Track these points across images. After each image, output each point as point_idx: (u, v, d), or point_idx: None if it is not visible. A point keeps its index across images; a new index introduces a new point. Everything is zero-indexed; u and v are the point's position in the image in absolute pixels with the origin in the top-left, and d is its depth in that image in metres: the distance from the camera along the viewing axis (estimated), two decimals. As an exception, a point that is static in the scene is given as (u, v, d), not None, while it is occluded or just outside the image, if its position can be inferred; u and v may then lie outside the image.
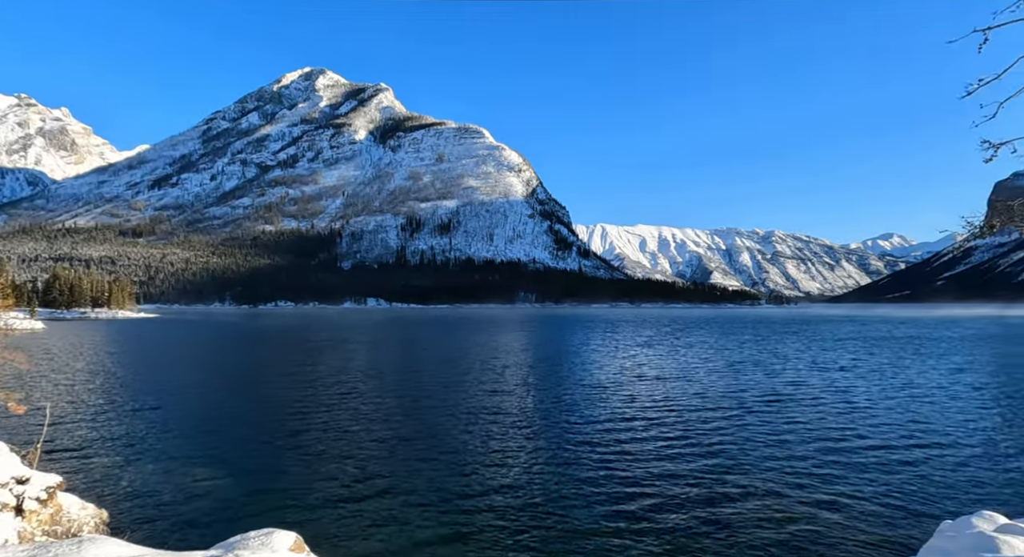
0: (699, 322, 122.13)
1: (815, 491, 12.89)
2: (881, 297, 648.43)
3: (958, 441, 17.44)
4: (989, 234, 8.20)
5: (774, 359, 42.49)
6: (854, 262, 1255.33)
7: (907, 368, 36.64)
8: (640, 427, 19.24)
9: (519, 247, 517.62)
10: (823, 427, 19.31)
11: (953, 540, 7.63)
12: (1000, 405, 23.74)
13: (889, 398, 25.11)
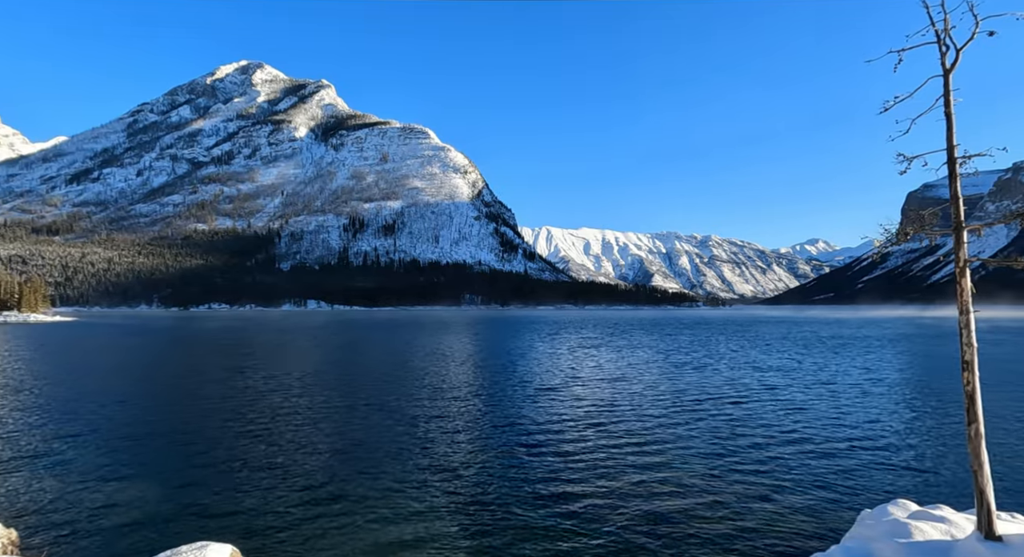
0: (641, 324, 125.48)
1: (749, 485, 13.44)
2: (808, 299, 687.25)
3: (876, 435, 18.66)
4: (903, 240, 8.57)
5: (711, 359, 44.15)
6: (784, 266, 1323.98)
7: (831, 367, 38.93)
8: (582, 427, 19.52)
9: (465, 249, 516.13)
10: (755, 424, 20.20)
11: (872, 527, 8.22)
12: (913, 400, 25.61)
13: (815, 396, 26.58)
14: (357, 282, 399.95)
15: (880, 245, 9.09)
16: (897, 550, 7.18)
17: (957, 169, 8.09)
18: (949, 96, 8.06)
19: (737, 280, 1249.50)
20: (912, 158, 8.58)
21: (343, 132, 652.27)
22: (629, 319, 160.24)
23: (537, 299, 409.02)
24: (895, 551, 7.17)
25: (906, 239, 8.84)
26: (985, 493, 7.26)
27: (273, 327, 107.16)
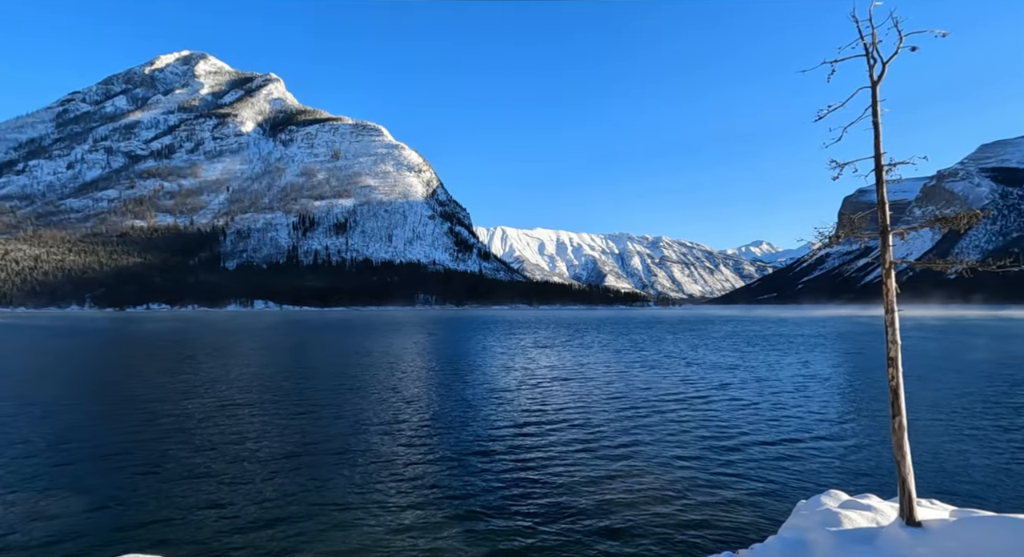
0: (595, 323, 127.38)
1: (694, 480, 13.84)
2: (753, 299, 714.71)
3: (813, 429, 19.55)
4: (835, 243, 8.99)
5: (660, 358, 45.23)
6: (731, 267, 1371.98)
7: (773, 364, 40.55)
8: (533, 426, 19.63)
9: (419, 248, 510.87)
10: (701, 421, 20.81)
11: (806, 518, 8.57)
12: (847, 396, 27.00)
13: (757, 392, 27.63)
14: (307, 282, 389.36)
15: (816, 248, 9.52)
16: (828, 538, 7.61)
17: (884, 176, 8.52)
18: (876, 106, 8.47)
19: (686, 280, 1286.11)
20: (844, 164, 8.99)
21: (293, 128, 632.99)
22: (583, 319, 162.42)
23: (492, 299, 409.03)
24: (826, 539, 7.61)
25: (838, 242, 9.27)
26: (907, 482, 7.64)
27: (217, 328, 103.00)
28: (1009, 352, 49.68)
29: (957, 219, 8.19)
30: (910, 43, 8.11)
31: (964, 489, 12.93)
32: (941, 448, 16.60)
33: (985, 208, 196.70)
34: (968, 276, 8.75)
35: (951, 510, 8.31)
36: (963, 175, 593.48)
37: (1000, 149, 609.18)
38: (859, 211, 9.79)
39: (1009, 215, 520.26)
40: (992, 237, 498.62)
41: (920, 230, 9.65)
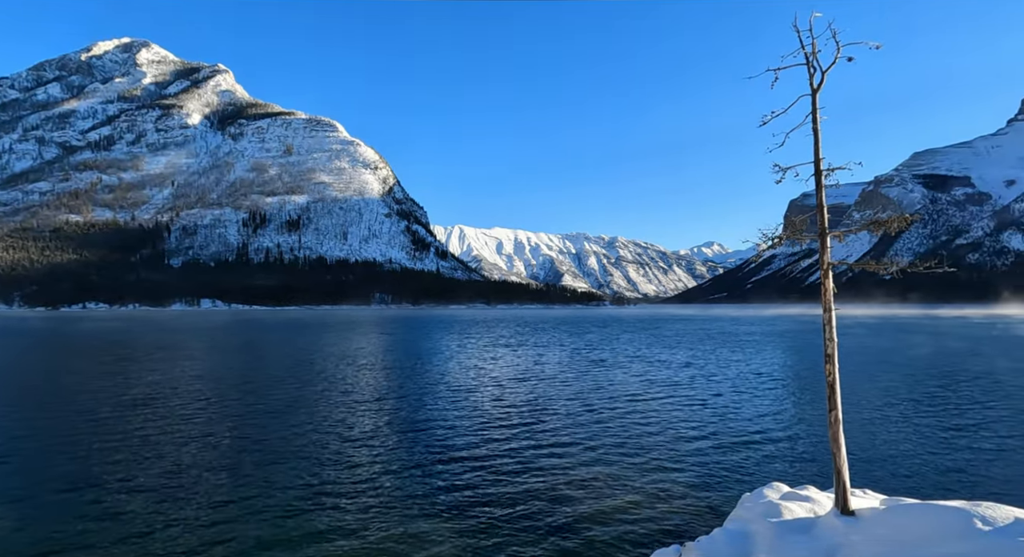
0: (552, 322, 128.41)
1: (645, 475, 14.14)
2: (705, 298, 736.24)
3: (758, 424, 20.31)
4: (778, 245, 9.34)
5: (613, 356, 46.01)
6: (683, 267, 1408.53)
7: (722, 361, 41.85)
8: (489, 425, 19.63)
9: (375, 247, 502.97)
10: (653, 417, 21.30)
11: (750, 510, 8.79)
12: (791, 391, 28.14)
13: (707, 389, 28.47)
14: (258, 280, 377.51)
15: (762, 249, 9.87)
16: (769, 529, 7.92)
17: (822, 180, 8.89)
18: (816, 113, 8.83)
19: (641, 280, 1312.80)
20: (786, 169, 9.34)
21: (243, 121, 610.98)
22: (540, 318, 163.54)
23: (450, 298, 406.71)
24: (768, 530, 7.92)
25: (780, 244, 9.63)
26: (842, 473, 7.95)
27: (160, 328, 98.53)
28: (935, 349, 52.87)
29: (888, 223, 8.67)
30: (847, 54, 8.54)
31: (894, 478, 13.66)
32: (874, 440, 17.51)
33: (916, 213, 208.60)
34: (899, 277, 9.24)
35: (882, 499, 8.61)
36: (897, 181, 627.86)
37: (931, 157, 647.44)
38: (803, 214, 10.20)
39: (938, 219, 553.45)
40: (923, 240, 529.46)
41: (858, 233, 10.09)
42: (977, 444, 17.08)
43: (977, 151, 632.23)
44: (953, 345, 56.48)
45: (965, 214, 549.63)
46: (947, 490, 12.61)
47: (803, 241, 9.91)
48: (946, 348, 52.97)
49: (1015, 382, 30.19)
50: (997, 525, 6.05)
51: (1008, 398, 25.04)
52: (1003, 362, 40.58)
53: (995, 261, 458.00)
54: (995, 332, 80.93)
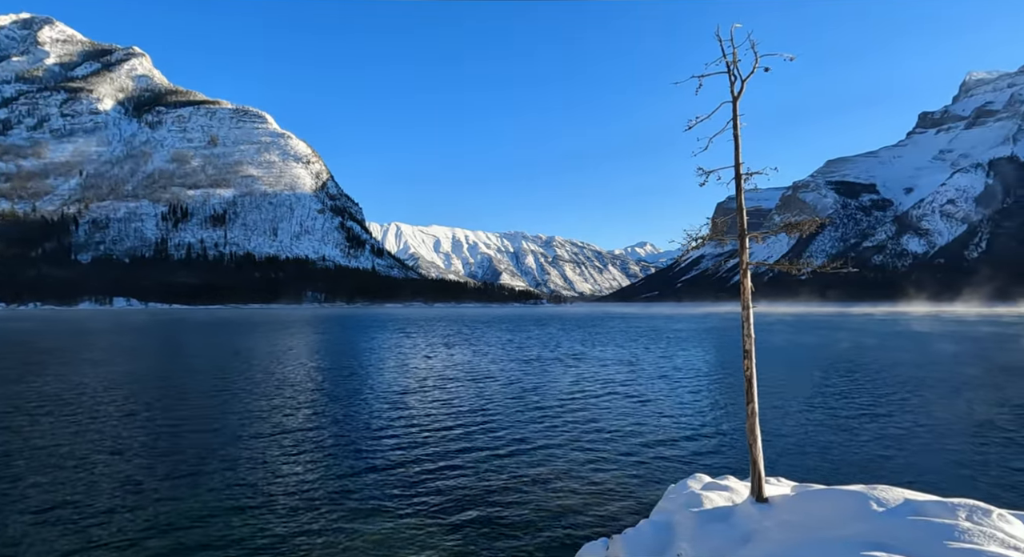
0: (489, 321, 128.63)
1: (576, 471, 14.39)
2: (638, 296, 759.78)
3: (685, 417, 21.14)
4: (701, 246, 9.73)
5: (547, 354, 46.62)
6: (618, 266, 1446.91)
7: (652, 357, 43.30)
8: (418, 422, 19.39)
9: (307, 243, 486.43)
10: (584, 414, 21.73)
11: (673, 500, 9.15)
12: (716, 385, 29.47)
13: (638, 384, 29.36)
14: (179, 278, 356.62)
15: (691, 248, 10.23)
16: (691, 518, 8.26)
17: (742, 184, 9.33)
18: (736, 120, 9.24)
19: (578, 279, 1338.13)
20: (709, 172, 9.73)
21: (162, 109, 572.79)
22: (478, 317, 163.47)
23: (386, 297, 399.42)
24: (689, 519, 8.27)
25: (703, 245, 10.03)
26: (757, 462, 8.25)
27: (64, 328, 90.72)
28: (843, 344, 56.99)
29: (800, 225, 9.20)
30: (764, 64, 8.99)
31: (805, 466, 14.57)
32: (789, 430, 18.61)
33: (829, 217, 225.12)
34: (809, 277, 9.84)
35: (793, 486, 9.12)
36: (813, 187, 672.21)
37: (842, 165, 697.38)
38: (729, 215, 10.66)
39: (848, 223, 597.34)
40: (835, 243, 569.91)
41: (775, 235, 10.65)
42: (878, 431, 18.50)
43: (882, 160, 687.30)
44: (860, 341, 61.05)
45: (871, 219, 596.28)
46: (850, 475, 13.54)
47: (724, 242, 10.38)
48: (853, 343, 57.19)
49: (911, 374, 33.00)
50: (889, 506, 6.61)
51: (904, 388, 27.31)
52: (903, 355, 44.33)
53: (896, 262, 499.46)
54: (897, 328, 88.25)
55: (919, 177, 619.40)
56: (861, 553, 5.50)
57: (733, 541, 7.18)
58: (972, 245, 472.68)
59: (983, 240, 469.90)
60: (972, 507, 6.11)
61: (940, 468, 14.60)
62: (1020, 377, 31.60)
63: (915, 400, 24.05)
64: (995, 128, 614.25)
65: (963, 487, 12.61)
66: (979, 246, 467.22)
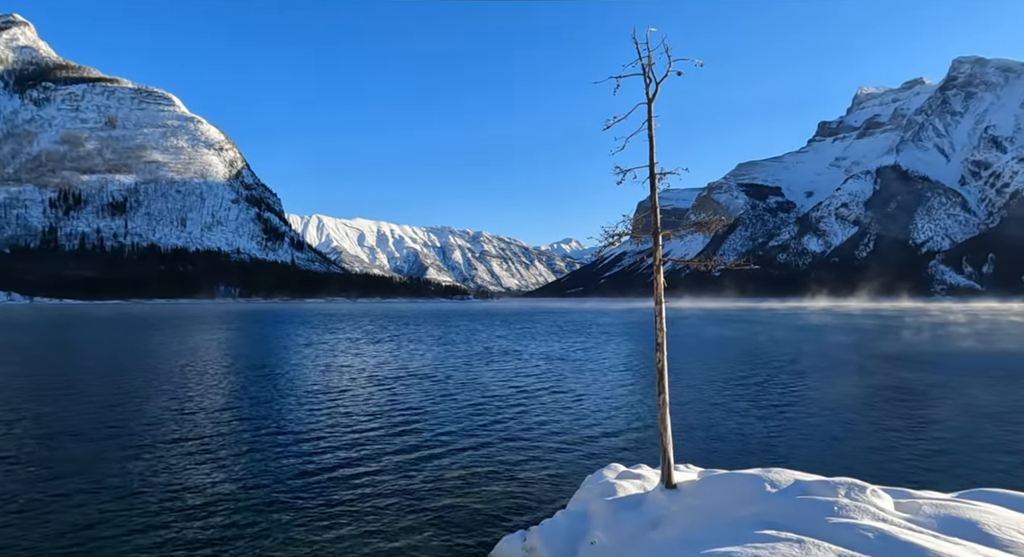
0: (415, 317, 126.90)
1: (494, 466, 14.49)
2: (563, 292, 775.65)
3: (602, 409, 21.83)
4: (618, 243, 10.01)
5: (470, 349, 46.65)
6: (544, 262, 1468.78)
7: (574, 351, 44.35)
8: (336, 421, 18.84)
9: (220, 235, 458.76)
10: (505, 409, 21.93)
11: (589, 490, 9.38)
12: (633, 378, 30.60)
13: (559, 378, 29.98)
14: (71, 270, 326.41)
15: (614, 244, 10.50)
16: (606, 507, 8.43)
17: (656, 183, 9.68)
18: (651, 121, 9.57)
19: (505, 274, 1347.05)
20: (626, 171, 10.02)
21: (49, 85, 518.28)
22: (404, 312, 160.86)
23: (306, 291, 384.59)
24: (604, 508, 8.44)
25: (619, 242, 10.34)
26: (667, 451, 8.64)
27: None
28: (751, 337, 60.96)
29: (709, 224, 9.72)
30: (677, 68, 9.35)
31: (712, 452, 15.44)
32: (698, 418, 19.65)
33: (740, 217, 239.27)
34: (717, 274, 10.40)
35: (699, 472, 9.63)
36: (725, 188, 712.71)
37: (751, 168, 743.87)
38: (646, 214, 11.00)
39: (756, 224, 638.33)
40: (745, 242, 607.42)
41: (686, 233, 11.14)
42: (775, 417, 19.92)
43: (786, 165, 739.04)
44: (762, 333, 65.52)
45: (777, 220, 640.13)
46: (750, 459, 14.47)
47: (639, 240, 10.72)
48: (757, 336, 61.29)
49: (805, 363, 35.85)
50: (781, 487, 7.16)
51: (798, 376, 29.60)
52: (799, 347, 48.06)
53: (798, 261, 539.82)
54: (797, 321, 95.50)
55: (818, 182, 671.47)
56: (755, 532, 5.85)
57: (643, 527, 7.47)
58: (862, 245, 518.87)
59: (871, 241, 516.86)
60: (850, 485, 6.71)
61: (826, 448, 15.93)
62: (892, 363, 35.20)
63: (806, 387, 26.13)
64: (882, 139, 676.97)
65: (844, 465, 13.81)
66: (867, 246, 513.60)
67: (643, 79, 9.50)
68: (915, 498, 6.81)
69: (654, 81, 9.47)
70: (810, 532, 5.63)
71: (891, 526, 5.62)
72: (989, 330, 68.66)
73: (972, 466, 14.19)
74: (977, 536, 5.45)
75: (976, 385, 26.72)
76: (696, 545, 5.91)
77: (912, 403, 22.61)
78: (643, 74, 9.49)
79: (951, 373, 31.23)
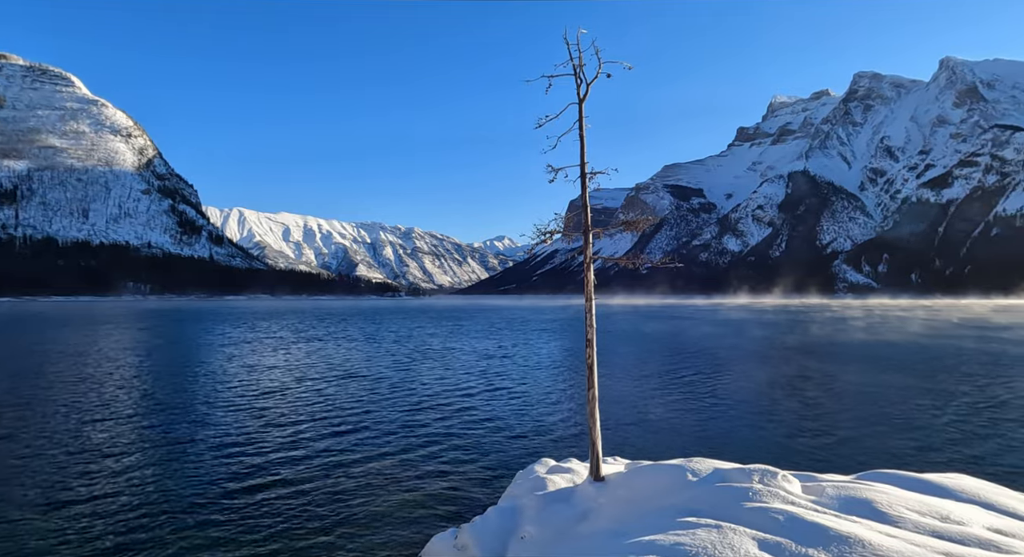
0: (342, 314, 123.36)
1: (426, 465, 14.34)
2: (495, 289, 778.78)
3: (534, 405, 22.10)
4: (549, 240, 10.14)
5: (400, 348, 45.97)
6: (477, 259, 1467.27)
7: (507, 348, 44.62)
8: (265, 424, 18.02)
9: (128, 228, 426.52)
10: (437, 407, 21.76)
11: (520, 486, 9.48)
12: (566, 373, 31.16)
13: (491, 375, 30.07)
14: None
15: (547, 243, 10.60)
16: (536, 501, 8.51)
17: (587, 182, 9.86)
18: (582, 121, 9.72)
19: (437, 271, 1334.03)
20: (558, 170, 10.13)
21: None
22: (333, 310, 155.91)
23: (226, 288, 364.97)
24: (534, 502, 8.49)
25: (551, 240, 10.48)
26: (596, 444, 8.82)
27: None
28: (676, 331, 63.66)
29: (636, 224, 10.01)
30: (607, 70, 9.55)
31: (639, 444, 15.98)
32: (626, 412, 20.28)
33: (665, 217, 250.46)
34: (645, 271, 10.76)
35: (627, 463, 9.92)
36: (652, 189, 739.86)
37: (676, 170, 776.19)
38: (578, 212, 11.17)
39: (681, 224, 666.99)
40: (671, 241, 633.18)
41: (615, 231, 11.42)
42: (697, 407, 20.91)
43: (708, 168, 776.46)
44: (689, 329, 68.59)
45: (699, 220, 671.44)
46: (674, 449, 15.10)
47: (571, 237, 10.90)
48: (683, 332, 64.10)
49: (726, 356, 37.87)
50: (701, 476, 7.52)
51: (717, 368, 31.23)
52: (723, 341, 50.69)
53: (719, 259, 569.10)
54: (717, 317, 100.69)
55: (737, 184, 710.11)
56: (677, 520, 6.12)
57: (572, 519, 7.63)
58: (775, 245, 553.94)
59: (783, 241, 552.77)
60: (763, 471, 7.14)
61: (744, 437, 16.89)
62: (799, 355, 37.92)
63: (725, 378, 27.62)
64: (793, 145, 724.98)
65: (760, 452, 14.70)
66: (780, 246, 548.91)
67: (574, 79, 9.64)
68: (820, 481, 7.16)
69: (585, 82, 9.62)
70: (727, 517, 5.92)
71: (799, 508, 5.98)
72: (879, 324, 75.45)
73: (868, 449, 15.49)
74: (872, 514, 5.90)
75: (869, 373, 29.25)
76: (622, 535, 6.04)
77: (816, 391, 24.41)
78: (574, 74, 9.62)
79: (848, 363, 34.08)
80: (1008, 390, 24.33)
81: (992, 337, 53.55)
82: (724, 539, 5.33)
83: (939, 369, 31.20)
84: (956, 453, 15.02)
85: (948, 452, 15.14)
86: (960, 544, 5.10)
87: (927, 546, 4.95)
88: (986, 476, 8.11)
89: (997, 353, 39.53)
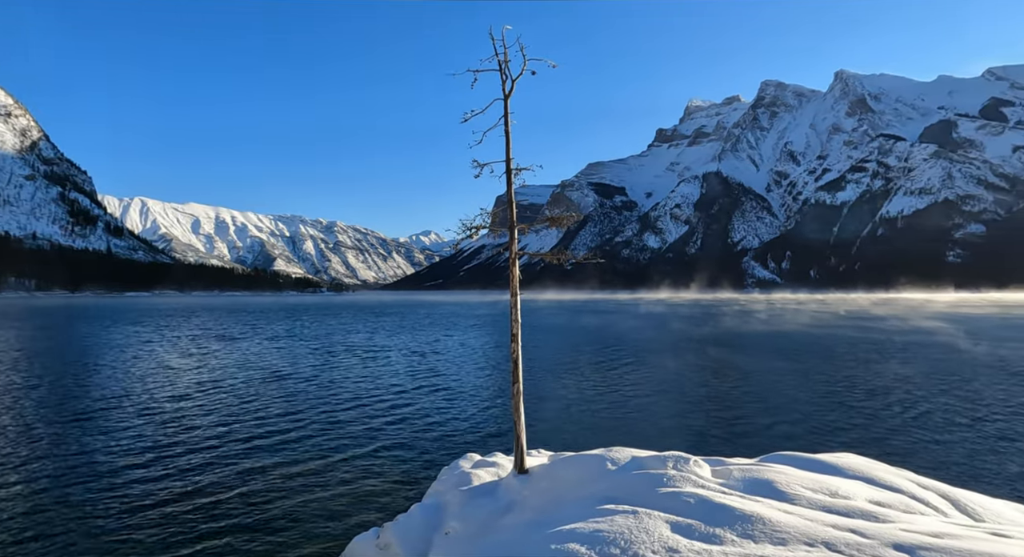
0: (256, 311, 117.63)
1: (355, 461, 14.01)
2: (421, 285, 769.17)
3: (459, 401, 22.11)
4: (476, 235, 10.13)
5: (313, 347, 44.53)
6: (403, 254, 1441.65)
7: (431, 345, 44.25)
8: (177, 426, 16.88)
9: (9, 217, 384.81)
10: (358, 407, 21.28)
11: (445, 482, 9.47)
12: (492, 369, 31.33)
13: (414, 372, 29.74)
14: None
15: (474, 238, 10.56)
16: (461, 497, 8.53)
17: (512, 178, 9.92)
18: (508, 117, 9.77)
19: (361, 266, 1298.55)
20: (483, 165, 10.12)
21: None
22: (244, 306, 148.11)
23: (128, 284, 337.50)
24: (459, 498, 8.51)
25: (476, 235, 10.48)
26: (520, 438, 8.93)
27: None
28: (601, 325, 65.64)
29: (560, 220, 10.18)
30: (531, 67, 9.63)
31: (563, 436, 16.36)
32: (550, 405, 20.70)
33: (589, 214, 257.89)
34: (569, 267, 10.99)
35: (550, 455, 10.11)
36: (577, 186, 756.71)
37: (600, 168, 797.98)
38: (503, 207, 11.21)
39: (604, 221, 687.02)
40: (595, 237, 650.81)
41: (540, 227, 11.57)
42: (616, 398, 21.70)
43: (630, 167, 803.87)
44: (611, 323, 70.90)
45: (622, 217, 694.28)
46: (595, 440, 15.58)
47: (497, 233, 10.94)
48: (605, 326, 66.20)
49: (643, 348, 39.50)
50: (620, 464, 7.79)
51: (634, 359, 32.54)
52: (642, 334, 52.83)
53: (640, 256, 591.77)
54: (639, 310, 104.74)
55: (656, 184, 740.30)
56: (596, 507, 6.33)
57: (496, 513, 7.71)
58: (691, 242, 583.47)
59: (699, 239, 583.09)
60: (677, 457, 7.51)
61: (660, 425, 17.72)
62: (709, 346, 40.33)
63: (643, 369, 28.84)
64: (708, 147, 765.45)
65: (675, 439, 15.48)
66: (696, 243, 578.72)
67: (500, 75, 9.66)
68: (727, 465, 7.60)
69: (510, 78, 9.66)
70: (643, 503, 6.19)
71: (709, 491, 6.34)
72: (777, 316, 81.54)
73: (770, 433, 16.70)
74: (773, 493, 6.36)
75: (769, 361, 31.56)
76: (544, 525, 6.20)
77: (724, 380, 26.01)
78: (500, 70, 9.63)
79: (750, 353, 36.63)
80: (881, 376, 27.03)
81: (870, 327, 59.30)
82: (640, 524, 5.55)
83: (828, 357, 34.19)
84: (843, 435, 16.50)
85: (838, 434, 16.60)
86: (846, 516, 5.60)
87: (818, 520, 5.39)
88: (868, 454, 8.72)
89: (877, 341, 43.84)
